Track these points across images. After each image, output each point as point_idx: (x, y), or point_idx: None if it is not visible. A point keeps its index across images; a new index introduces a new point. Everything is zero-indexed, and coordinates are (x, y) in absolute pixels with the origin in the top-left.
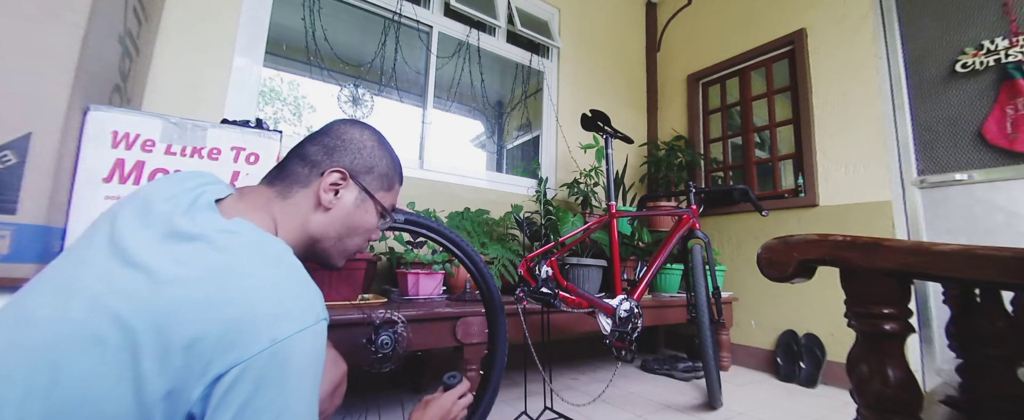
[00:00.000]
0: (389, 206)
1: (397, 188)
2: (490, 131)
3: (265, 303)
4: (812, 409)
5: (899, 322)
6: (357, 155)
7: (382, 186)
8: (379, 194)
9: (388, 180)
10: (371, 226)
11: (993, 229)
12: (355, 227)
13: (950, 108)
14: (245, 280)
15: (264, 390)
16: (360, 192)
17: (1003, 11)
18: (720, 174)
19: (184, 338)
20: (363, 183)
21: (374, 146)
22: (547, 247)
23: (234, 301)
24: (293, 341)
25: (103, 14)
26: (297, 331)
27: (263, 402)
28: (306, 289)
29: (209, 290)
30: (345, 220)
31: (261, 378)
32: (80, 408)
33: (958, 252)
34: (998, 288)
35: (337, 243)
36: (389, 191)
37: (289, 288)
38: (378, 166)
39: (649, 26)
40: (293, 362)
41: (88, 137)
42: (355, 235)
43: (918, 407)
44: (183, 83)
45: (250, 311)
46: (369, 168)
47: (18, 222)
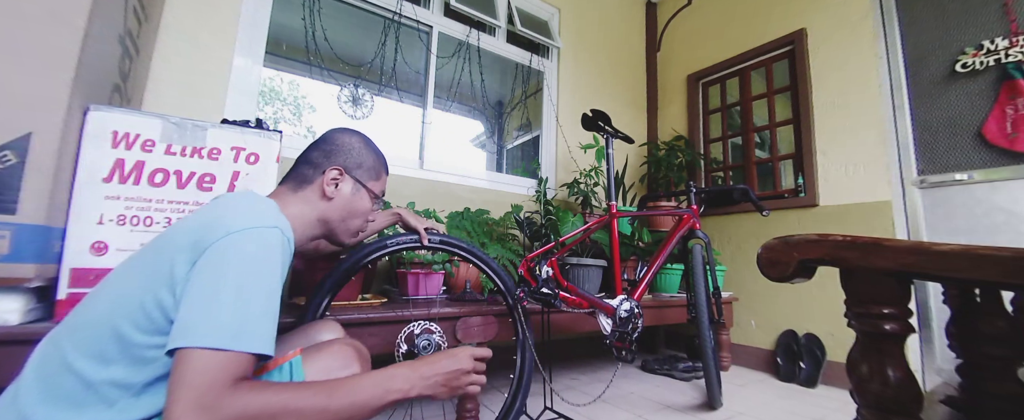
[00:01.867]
0: (379, 192)
1: (384, 177)
2: (490, 131)
3: (231, 215)
4: (812, 409)
5: (899, 322)
6: (349, 155)
7: (371, 177)
8: (369, 183)
9: (375, 171)
10: (366, 209)
11: (993, 229)
12: (354, 210)
13: (950, 108)
14: (225, 207)
15: (210, 260)
16: (355, 183)
17: (1003, 11)
18: (720, 174)
19: (190, 240)
20: (356, 176)
21: (362, 147)
22: (547, 247)
23: (215, 216)
24: (241, 234)
25: (103, 14)
26: (245, 228)
27: (205, 266)
28: (265, 212)
29: (207, 215)
30: (345, 206)
31: (213, 252)
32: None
33: (958, 252)
34: (998, 288)
35: (341, 224)
36: (377, 180)
37: (251, 209)
38: (366, 161)
39: (649, 26)
40: (237, 246)
41: (88, 137)
42: (355, 217)
43: (918, 407)
44: (183, 83)
45: (221, 218)
46: (359, 164)
47: (18, 222)
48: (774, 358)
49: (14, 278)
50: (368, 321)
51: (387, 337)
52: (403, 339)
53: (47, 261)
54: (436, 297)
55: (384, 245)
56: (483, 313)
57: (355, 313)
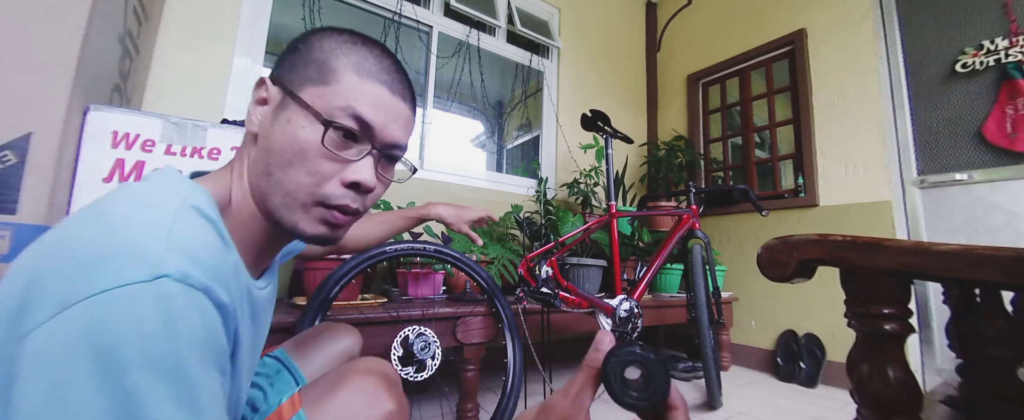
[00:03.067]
0: (332, 107)
1: (350, 80)
2: (490, 131)
3: (77, 252)
4: (812, 409)
5: (899, 322)
6: (291, 55)
7: (310, 79)
8: (307, 90)
9: (322, 69)
10: (303, 142)
11: (993, 229)
12: (280, 150)
13: (950, 108)
14: (77, 228)
15: (30, 387)
16: (282, 97)
17: (1003, 11)
18: (720, 174)
19: (12, 308)
20: (285, 83)
21: (320, 38)
22: (547, 247)
23: (53, 252)
24: (84, 314)
25: (103, 14)
26: (94, 294)
27: (24, 398)
28: (149, 236)
29: (46, 248)
30: (267, 144)
31: (33, 364)
32: None
33: (958, 252)
34: (998, 288)
35: (267, 181)
36: (326, 85)
37: (119, 231)
38: (311, 54)
39: (649, 26)
40: (90, 338)
41: (88, 137)
42: (282, 162)
43: (918, 407)
44: (183, 83)
45: (55, 260)
46: (293, 64)
47: (18, 222)
48: (774, 358)
49: None
50: (368, 321)
51: (384, 339)
52: (399, 343)
53: None
54: (435, 297)
55: (383, 251)
56: (483, 313)
57: (355, 313)
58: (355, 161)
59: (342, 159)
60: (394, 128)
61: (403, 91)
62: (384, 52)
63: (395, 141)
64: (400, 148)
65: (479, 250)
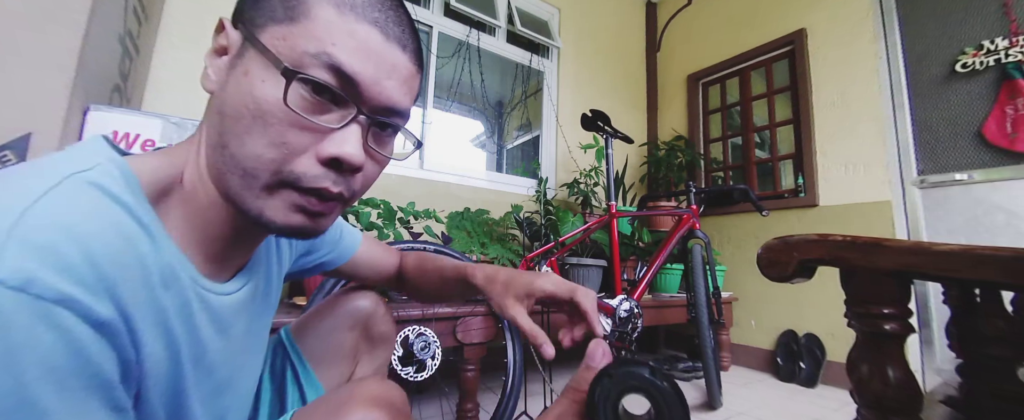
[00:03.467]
0: (300, 52)
1: (326, 15)
2: (490, 131)
3: None
4: (812, 409)
5: (899, 322)
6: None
7: (274, 15)
8: (269, 31)
9: (289, 1)
10: (262, 101)
11: (993, 229)
12: (235, 113)
13: (950, 108)
14: None
15: None
16: (242, 42)
17: (1003, 11)
18: (720, 174)
19: None
20: (246, 23)
21: None
22: (547, 247)
23: None
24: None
25: (103, 14)
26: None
27: None
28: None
29: None
30: (220, 105)
31: None
32: None
33: (958, 252)
34: (998, 288)
35: (222, 155)
36: (293, 22)
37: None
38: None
39: (649, 26)
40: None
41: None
42: (239, 129)
43: (918, 407)
44: (183, 83)
45: None
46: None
47: None
48: (774, 358)
49: None
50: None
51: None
52: (399, 343)
53: None
54: None
55: None
56: (483, 313)
57: None
58: (335, 129)
59: (317, 126)
60: (389, 85)
61: (401, 35)
62: None
63: (390, 103)
64: (398, 113)
65: (479, 250)
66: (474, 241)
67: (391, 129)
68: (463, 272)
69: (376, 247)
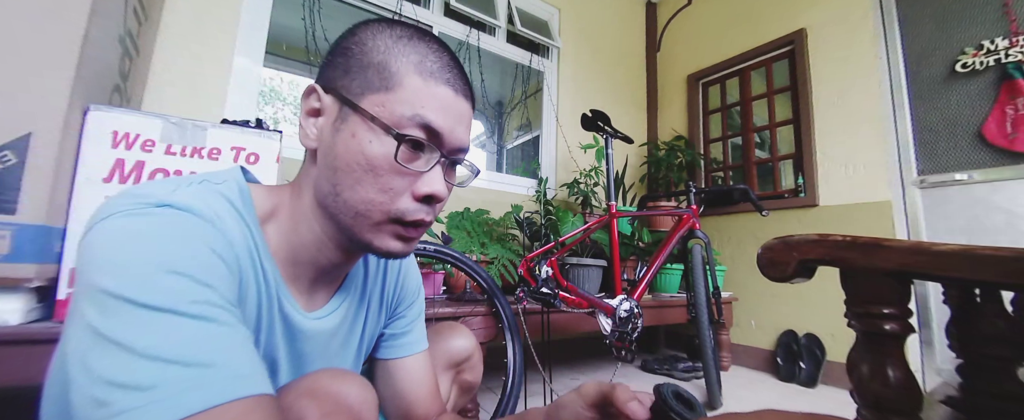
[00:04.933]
0: (399, 116)
1: (414, 83)
2: (490, 131)
3: (104, 206)
4: (812, 409)
5: (899, 322)
6: (341, 57)
7: (371, 85)
8: (368, 98)
9: (383, 72)
10: (372, 158)
11: (993, 229)
12: (347, 168)
13: (950, 108)
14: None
15: (77, 283)
16: (340, 107)
17: (1003, 11)
18: (720, 174)
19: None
20: (341, 91)
21: (373, 35)
22: (547, 247)
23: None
24: (103, 224)
25: (103, 14)
26: (108, 215)
27: (74, 296)
28: (157, 191)
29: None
30: (331, 161)
31: (77, 272)
32: None
33: (958, 252)
34: (998, 288)
35: (335, 201)
36: (389, 91)
37: (137, 190)
38: (367, 55)
39: (649, 26)
40: (98, 242)
41: (88, 137)
42: (350, 180)
43: (918, 407)
44: (183, 83)
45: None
46: (347, 68)
47: (18, 222)
48: (774, 358)
49: (14, 278)
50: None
51: None
52: None
53: (47, 261)
54: (436, 297)
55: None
56: (483, 313)
57: None
58: (424, 172)
59: (412, 172)
60: (460, 131)
61: (465, 88)
62: (441, 46)
63: (461, 144)
64: (466, 151)
65: (479, 250)
66: (474, 241)
67: (459, 162)
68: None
69: (431, 374)
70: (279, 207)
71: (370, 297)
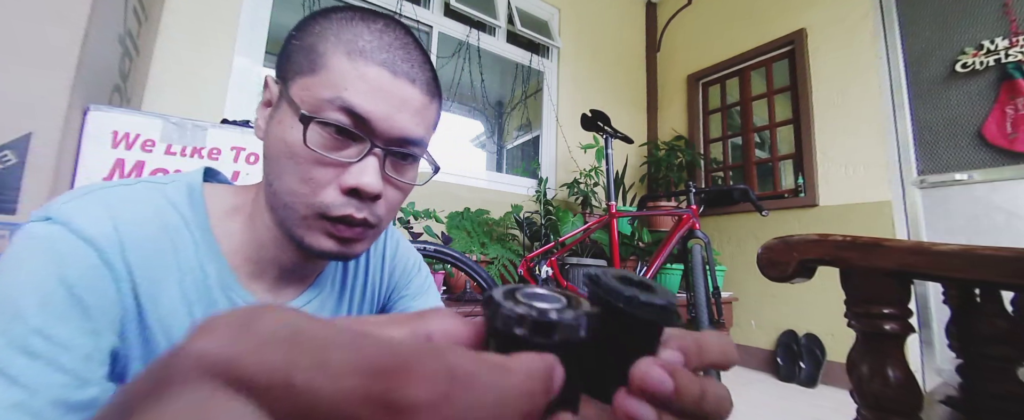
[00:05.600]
0: (319, 99)
1: (339, 64)
2: (490, 131)
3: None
4: (812, 409)
5: (899, 322)
6: (287, 44)
7: (300, 69)
8: (295, 82)
9: (310, 54)
10: (291, 144)
11: (993, 229)
12: (273, 156)
13: (950, 108)
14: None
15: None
16: (277, 96)
17: (1003, 11)
18: (720, 174)
19: None
20: (281, 78)
21: (314, 19)
22: (547, 247)
23: None
24: (9, 248)
25: (103, 14)
26: (17, 240)
27: None
28: (60, 202)
29: None
30: (265, 150)
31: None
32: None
33: (958, 252)
34: (998, 288)
35: (269, 192)
36: (313, 73)
37: (64, 194)
38: (303, 39)
39: (649, 26)
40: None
41: (88, 137)
42: (277, 169)
43: (918, 407)
44: (183, 83)
45: None
46: (288, 54)
47: (18, 222)
48: (774, 358)
49: None
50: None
51: None
52: None
53: None
54: None
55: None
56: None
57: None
58: (353, 162)
59: (337, 161)
60: (401, 118)
61: (410, 71)
62: (388, 25)
63: (403, 134)
64: (414, 143)
65: (479, 250)
66: (474, 241)
67: (410, 158)
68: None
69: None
70: (242, 206)
71: (351, 291)
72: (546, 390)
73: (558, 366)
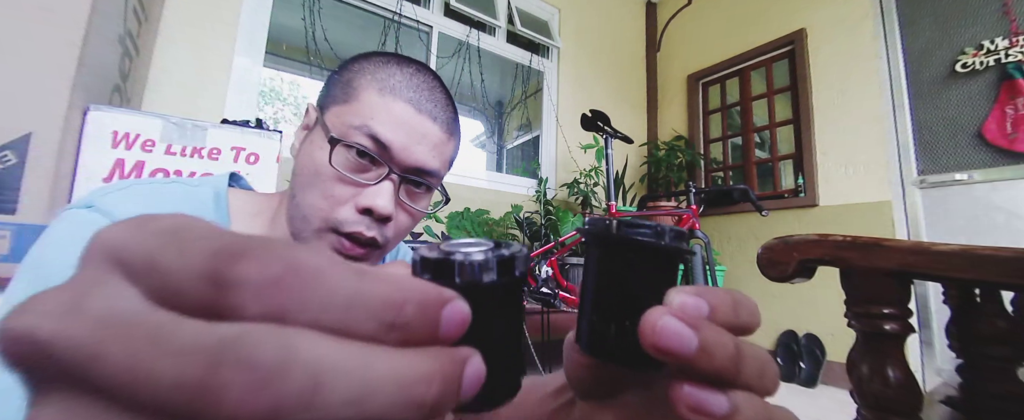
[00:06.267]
0: (348, 126)
1: (370, 97)
2: (490, 131)
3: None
4: (812, 409)
5: (899, 322)
6: (329, 78)
7: (335, 99)
8: (330, 110)
9: (347, 87)
10: (318, 163)
11: (993, 229)
12: (300, 171)
13: (950, 108)
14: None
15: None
16: (314, 121)
17: (1003, 11)
18: (720, 174)
19: None
20: (321, 107)
21: (358, 60)
22: (547, 247)
23: None
24: (50, 225)
25: (103, 14)
26: (59, 219)
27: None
28: (102, 191)
29: None
30: (295, 166)
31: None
32: None
33: (958, 252)
34: (998, 288)
35: (292, 204)
36: (346, 104)
37: (105, 185)
38: (343, 75)
39: (649, 26)
40: (40, 239)
41: (88, 137)
42: (302, 183)
43: (918, 407)
44: (183, 83)
45: None
46: (329, 87)
47: (18, 222)
48: (774, 358)
49: None
50: None
51: None
52: None
53: None
54: None
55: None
56: None
57: None
58: (371, 185)
59: (356, 182)
60: (419, 150)
61: (433, 110)
62: (419, 69)
63: (418, 164)
64: (429, 173)
65: None
66: None
67: (424, 187)
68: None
69: None
70: (263, 211)
71: None
72: (409, 309)
73: (459, 301)
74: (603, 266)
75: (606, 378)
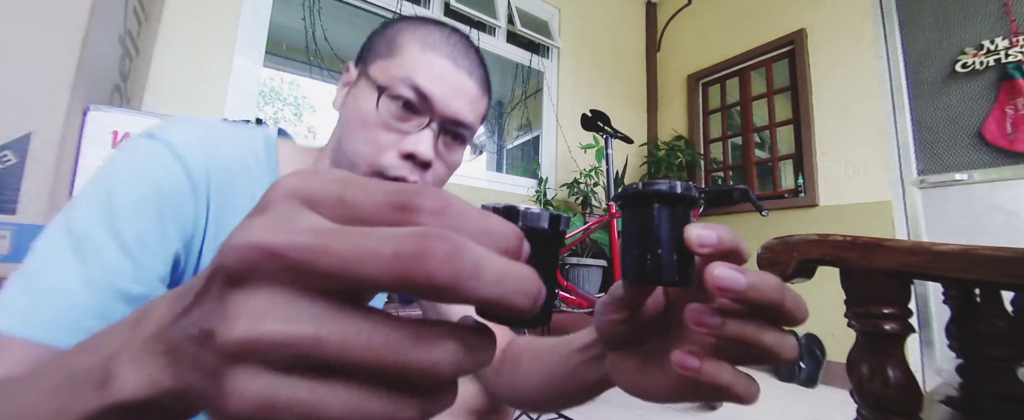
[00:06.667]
0: (393, 77)
1: (412, 52)
2: (490, 131)
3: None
4: (812, 409)
5: (899, 322)
6: (370, 39)
7: (379, 54)
8: (374, 64)
9: (390, 43)
10: (364, 111)
11: (993, 229)
12: (346, 121)
13: (950, 108)
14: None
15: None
16: (358, 76)
17: (1003, 11)
18: (720, 174)
19: None
20: (360, 62)
21: (397, 20)
22: None
23: None
24: (115, 152)
25: (103, 14)
26: (124, 147)
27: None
28: (169, 121)
29: None
30: (340, 118)
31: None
32: None
33: (958, 252)
34: (998, 288)
35: (337, 153)
36: (390, 58)
37: (161, 122)
38: (384, 35)
39: (649, 26)
40: (106, 165)
41: (88, 137)
42: (347, 132)
43: (918, 407)
44: (183, 83)
45: None
46: (370, 45)
47: (18, 222)
48: None
49: None
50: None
51: None
52: None
53: None
54: None
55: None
56: None
57: None
58: (413, 133)
59: (399, 130)
60: (457, 103)
61: (470, 67)
62: (454, 31)
63: (457, 116)
64: (464, 126)
65: None
66: None
67: (460, 139)
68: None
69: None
70: (305, 163)
71: None
72: (511, 240)
73: (521, 235)
74: (635, 214)
75: (633, 331)
